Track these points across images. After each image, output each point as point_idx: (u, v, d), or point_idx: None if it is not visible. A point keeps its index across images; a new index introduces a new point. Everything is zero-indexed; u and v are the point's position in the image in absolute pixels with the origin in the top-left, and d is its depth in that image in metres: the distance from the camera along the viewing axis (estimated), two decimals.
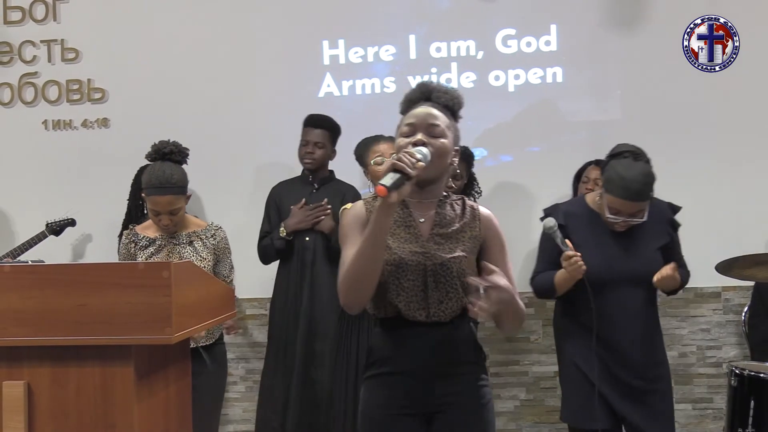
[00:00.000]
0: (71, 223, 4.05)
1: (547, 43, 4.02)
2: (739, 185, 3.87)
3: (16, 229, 4.25)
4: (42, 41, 4.29)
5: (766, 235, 3.78)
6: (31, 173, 4.28)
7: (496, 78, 4.05)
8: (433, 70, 4.05)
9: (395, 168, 1.76)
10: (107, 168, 4.16)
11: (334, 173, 3.69)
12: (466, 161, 3.42)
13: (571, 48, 4.01)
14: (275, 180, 3.72)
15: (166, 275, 1.73)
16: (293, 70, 4.15)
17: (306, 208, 3.48)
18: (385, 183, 1.72)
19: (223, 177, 4.12)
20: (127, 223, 3.69)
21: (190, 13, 4.20)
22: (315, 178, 3.62)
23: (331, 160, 3.67)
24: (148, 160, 3.00)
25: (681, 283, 2.82)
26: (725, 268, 3.06)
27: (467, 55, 4.07)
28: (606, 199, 2.72)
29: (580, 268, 2.62)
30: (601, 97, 4.02)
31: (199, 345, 2.95)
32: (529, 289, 2.86)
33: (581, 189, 3.63)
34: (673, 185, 3.51)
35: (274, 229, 3.55)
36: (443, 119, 1.95)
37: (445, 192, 2.04)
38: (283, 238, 3.48)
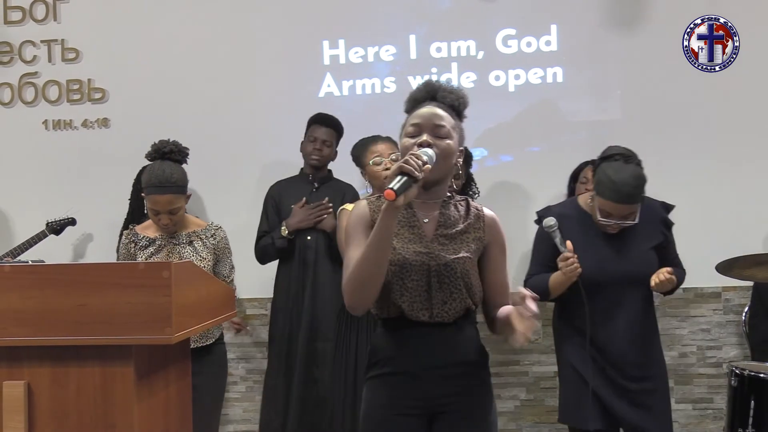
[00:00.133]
0: (71, 222, 4.05)
1: (548, 43, 4.02)
2: (739, 185, 3.86)
3: (16, 229, 4.25)
4: (42, 41, 4.29)
5: (766, 235, 3.79)
6: (32, 173, 4.28)
7: (497, 78, 4.05)
8: (434, 70, 4.05)
9: (402, 171, 1.74)
10: (107, 168, 4.16)
11: (332, 172, 3.69)
12: (464, 161, 3.41)
13: (571, 48, 4.01)
14: (276, 180, 3.72)
15: (167, 275, 1.72)
16: (293, 70, 4.15)
17: (308, 207, 3.48)
18: (393, 187, 1.71)
19: (224, 177, 4.12)
20: (128, 223, 3.69)
21: (190, 13, 4.20)
22: (315, 177, 3.62)
23: (332, 161, 3.67)
24: (148, 159, 3.00)
25: (678, 282, 2.81)
26: (725, 268, 3.05)
27: (467, 55, 4.07)
28: (597, 202, 2.71)
29: (576, 270, 2.62)
30: (601, 97, 4.02)
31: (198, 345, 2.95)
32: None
33: (579, 189, 3.62)
34: (673, 185, 3.52)
35: (273, 228, 3.54)
36: (449, 120, 1.94)
37: (449, 192, 2.03)
38: (284, 237, 3.47)
